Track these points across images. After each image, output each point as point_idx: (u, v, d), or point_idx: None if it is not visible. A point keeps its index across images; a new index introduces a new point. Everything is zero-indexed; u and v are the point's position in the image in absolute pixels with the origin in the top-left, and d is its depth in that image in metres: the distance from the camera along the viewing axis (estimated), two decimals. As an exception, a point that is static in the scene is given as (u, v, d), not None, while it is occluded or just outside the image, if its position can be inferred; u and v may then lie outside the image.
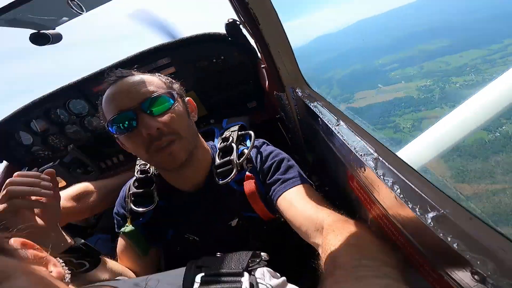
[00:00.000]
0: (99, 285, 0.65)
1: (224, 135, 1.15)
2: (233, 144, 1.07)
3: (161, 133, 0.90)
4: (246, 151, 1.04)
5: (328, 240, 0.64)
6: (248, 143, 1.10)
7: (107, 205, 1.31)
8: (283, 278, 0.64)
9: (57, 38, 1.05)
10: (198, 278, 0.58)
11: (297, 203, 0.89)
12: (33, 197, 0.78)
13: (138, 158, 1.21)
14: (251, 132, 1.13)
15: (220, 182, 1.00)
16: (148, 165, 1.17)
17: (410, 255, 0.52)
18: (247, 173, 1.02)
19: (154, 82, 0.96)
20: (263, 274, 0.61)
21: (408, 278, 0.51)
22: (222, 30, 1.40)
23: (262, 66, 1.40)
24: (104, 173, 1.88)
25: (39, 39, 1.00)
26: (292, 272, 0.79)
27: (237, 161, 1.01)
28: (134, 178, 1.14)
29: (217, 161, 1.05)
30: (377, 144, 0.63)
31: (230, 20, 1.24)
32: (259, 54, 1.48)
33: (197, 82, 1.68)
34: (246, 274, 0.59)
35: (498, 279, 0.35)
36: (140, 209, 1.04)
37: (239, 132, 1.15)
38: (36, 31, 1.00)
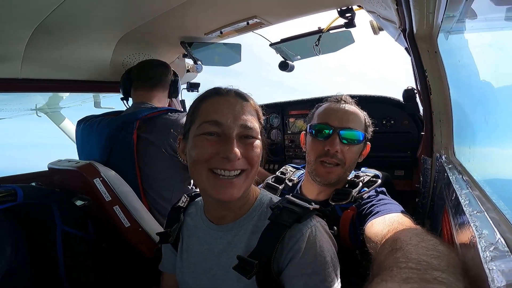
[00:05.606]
0: None
1: (358, 174, 1.30)
2: (361, 183, 1.21)
3: (335, 155, 1.14)
4: (366, 192, 1.14)
5: (383, 246, 0.66)
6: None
7: None
8: None
9: (292, 68, 1.73)
10: None
11: (383, 222, 0.88)
12: None
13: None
14: (379, 181, 1.21)
15: (333, 203, 1.15)
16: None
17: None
18: (353, 205, 1.11)
19: (360, 119, 1.21)
20: None
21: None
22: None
23: (422, 134, 1.51)
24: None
25: (283, 65, 1.71)
26: None
27: (354, 195, 1.15)
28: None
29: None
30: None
31: (409, 87, 1.45)
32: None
33: None
34: None
35: None
36: None
37: (371, 178, 1.24)
38: (284, 59, 1.71)
